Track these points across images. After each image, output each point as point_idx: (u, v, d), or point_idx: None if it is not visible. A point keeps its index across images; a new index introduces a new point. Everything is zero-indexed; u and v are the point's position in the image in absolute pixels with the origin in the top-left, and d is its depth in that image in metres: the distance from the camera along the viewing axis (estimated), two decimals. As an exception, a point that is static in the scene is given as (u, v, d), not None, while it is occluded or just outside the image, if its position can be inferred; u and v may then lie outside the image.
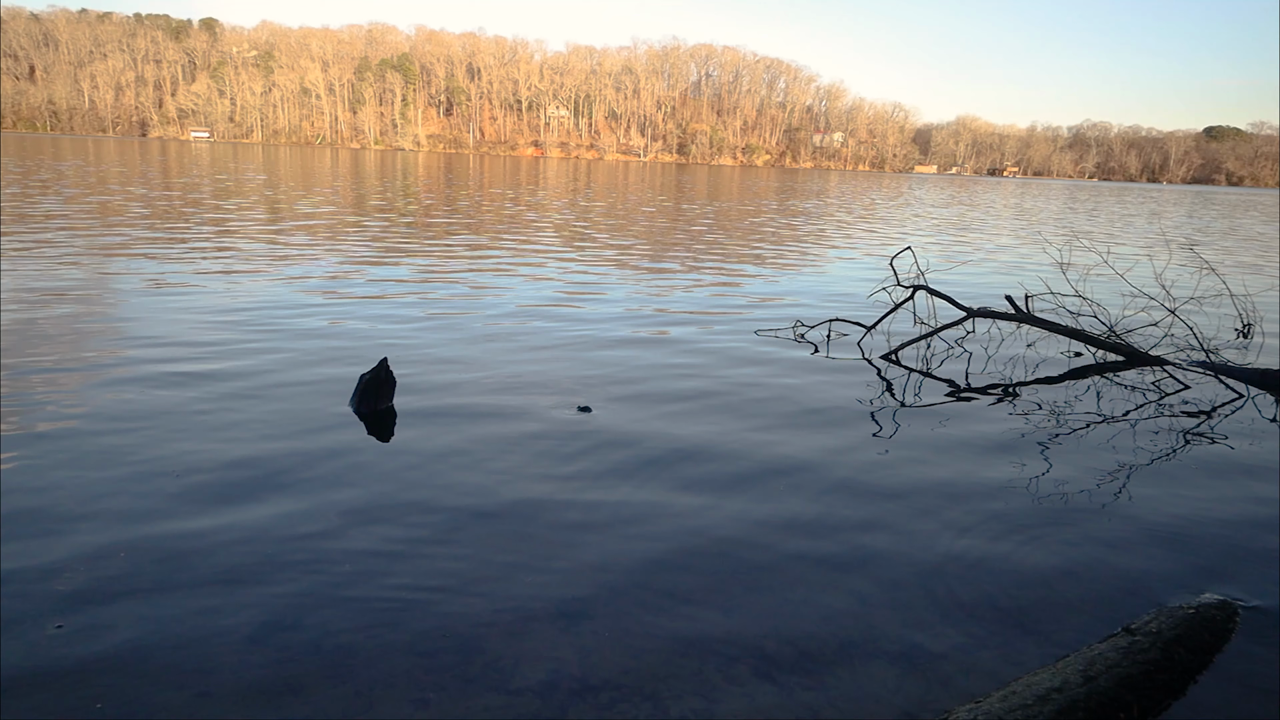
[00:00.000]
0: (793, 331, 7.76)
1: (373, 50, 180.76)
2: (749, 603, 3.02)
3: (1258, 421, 5.55)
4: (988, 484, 4.25)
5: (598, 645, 2.72)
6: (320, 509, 3.61)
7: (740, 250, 15.02)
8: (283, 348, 6.29)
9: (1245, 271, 14.85)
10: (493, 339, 6.92)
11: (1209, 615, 2.88)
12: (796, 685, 2.58)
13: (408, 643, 2.70)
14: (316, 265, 10.58)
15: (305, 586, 2.99)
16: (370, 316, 7.59)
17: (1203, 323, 8.15)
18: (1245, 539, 3.75)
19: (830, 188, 56.84)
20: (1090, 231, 24.34)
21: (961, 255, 15.86)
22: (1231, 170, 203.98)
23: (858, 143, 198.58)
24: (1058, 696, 2.27)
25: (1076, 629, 2.94)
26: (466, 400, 5.22)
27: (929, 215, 29.55)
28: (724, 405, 5.40)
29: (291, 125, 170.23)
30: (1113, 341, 7.07)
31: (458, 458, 4.27)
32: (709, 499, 3.92)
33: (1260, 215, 42.32)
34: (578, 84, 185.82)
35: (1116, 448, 4.91)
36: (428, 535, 3.42)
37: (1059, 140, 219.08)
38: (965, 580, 3.26)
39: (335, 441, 4.40)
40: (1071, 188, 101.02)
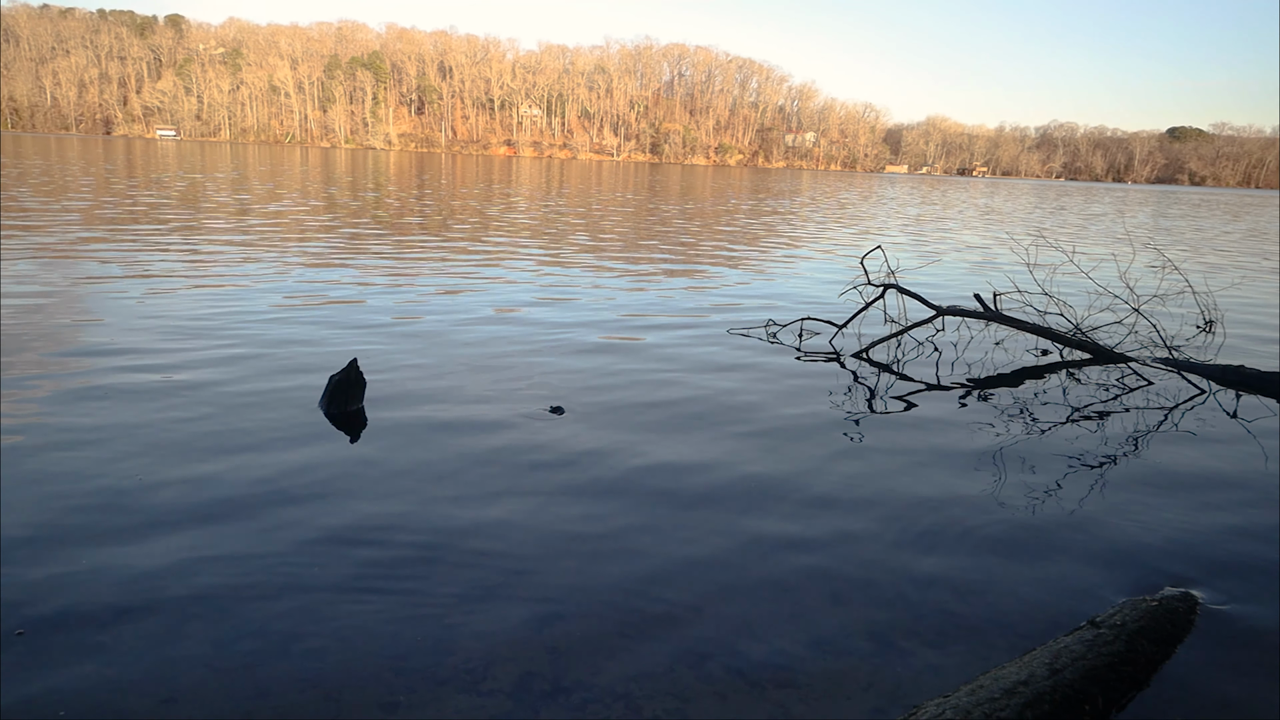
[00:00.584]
0: (765, 331, 7.80)
1: (343, 48, 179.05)
2: (721, 602, 3.03)
3: (1219, 417, 5.66)
4: (956, 481, 4.30)
5: (570, 646, 2.72)
6: (286, 512, 3.56)
7: (713, 250, 15.06)
8: (250, 350, 6.21)
9: (1207, 270, 15.14)
10: (464, 340, 6.89)
11: (1171, 607, 2.94)
12: (768, 683, 2.59)
13: (378, 646, 2.68)
14: (285, 267, 10.46)
15: (272, 591, 2.95)
16: (341, 318, 7.52)
17: (1166, 320, 8.30)
18: (1206, 532, 3.82)
19: (802, 187, 57.17)
20: (1057, 231, 24.69)
21: (931, 254, 16.02)
22: (1194, 170, 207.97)
23: (829, 143, 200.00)
24: (1024, 689, 2.30)
25: (1044, 622, 2.98)
26: (437, 402, 5.18)
27: (900, 215, 29.82)
28: (696, 405, 5.41)
29: (260, 124, 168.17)
30: (1079, 339, 7.18)
31: (427, 459, 4.24)
32: (681, 500, 3.92)
33: (1223, 214, 43.16)
34: (550, 83, 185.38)
35: (1083, 444, 4.98)
36: (397, 538, 3.39)
37: (1027, 140, 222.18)
38: (935, 576, 3.29)
39: (303, 443, 4.35)
40: (1039, 187, 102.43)
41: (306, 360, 5.97)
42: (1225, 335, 8.33)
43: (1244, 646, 2.89)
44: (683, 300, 9.40)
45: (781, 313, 8.65)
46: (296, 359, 6.00)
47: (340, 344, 6.49)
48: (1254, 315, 10.11)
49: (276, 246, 12.23)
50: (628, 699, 2.49)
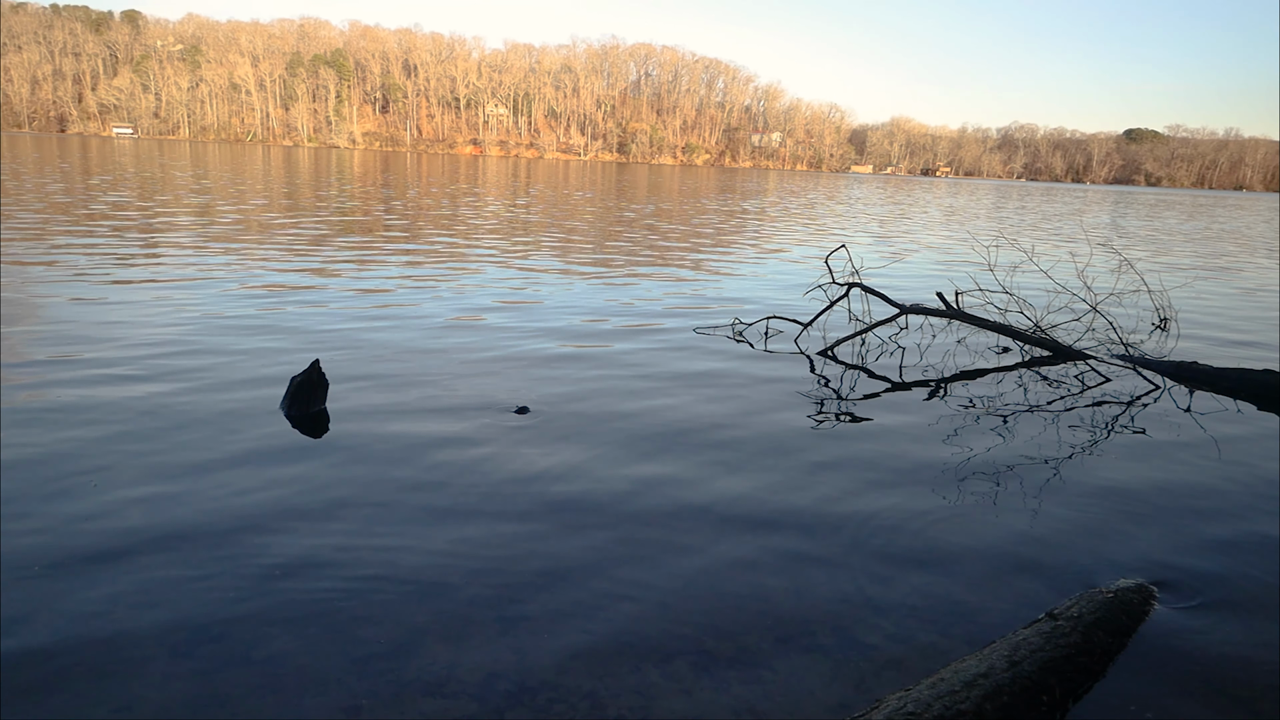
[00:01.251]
0: (731, 329, 7.83)
1: (305, 45, 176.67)
2: (687, 600, 3.04)
3: (1173, 412, 5.79)
4: (919, 477, 4.35)
5: (535, 646, 2.71)
6: (246, 514, 3.51)
7: (680, 249, 15.10)
8: (212, 351, 6.11)
9: (1162, 268, 15.48)
10: (430, 341, 6.83)
11: (1126, 598, 3.00)
12: (734, 680, 2.60)
13: (340, 648, 2.65)
14: (247, 267, 10.30)
15: (231, 595, 2.91)
16: (304, 319, 7.42)
17: (1123, 318, 8.47)
18: (1160, 524, 3.91)
19: (769, 187, 57.51)
20: (1018, 230, 25.08)
21: (895, 254, 16.20)
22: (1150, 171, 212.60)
23: (795, 143, 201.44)
24: (984, 681, 2.33)
25: (1004, 615, 3.03)
26: (401, 402, 5.14)
27: (865, 214, 30.11)
28: (662, 404, 5.42)
29: (220, 121, 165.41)
30: (1038, 336, 7.30)
31: (391, 460, 4.20)
32: (643, 499, 3.92)
33: (1178, 214, 44.14)
34: (516, 82, 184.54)
35: (1042, 439, 5.07)
36: (360, 540, 3.35)
37: (989, 141, 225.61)
38: (897, 571, 3.33)
39: (264, 445, 4.29)
40: (1001, 188, 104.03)
41: (267, 362, 5.89)
42: (1179, 333, 8.52)
43: (1196, 635, 2.95)
44: (650, 299, 9.41)
45: (748, 312, 8.70)
46: (257, 361, 5.91)
47: (303, 345, 6.40)
48: (1206, 313, 10.35)
49: (237, 247, 12.04)
50: (593, 698, 2.48)
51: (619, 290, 9.97)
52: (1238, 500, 4.24)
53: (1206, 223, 36.13)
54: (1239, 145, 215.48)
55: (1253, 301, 11.77)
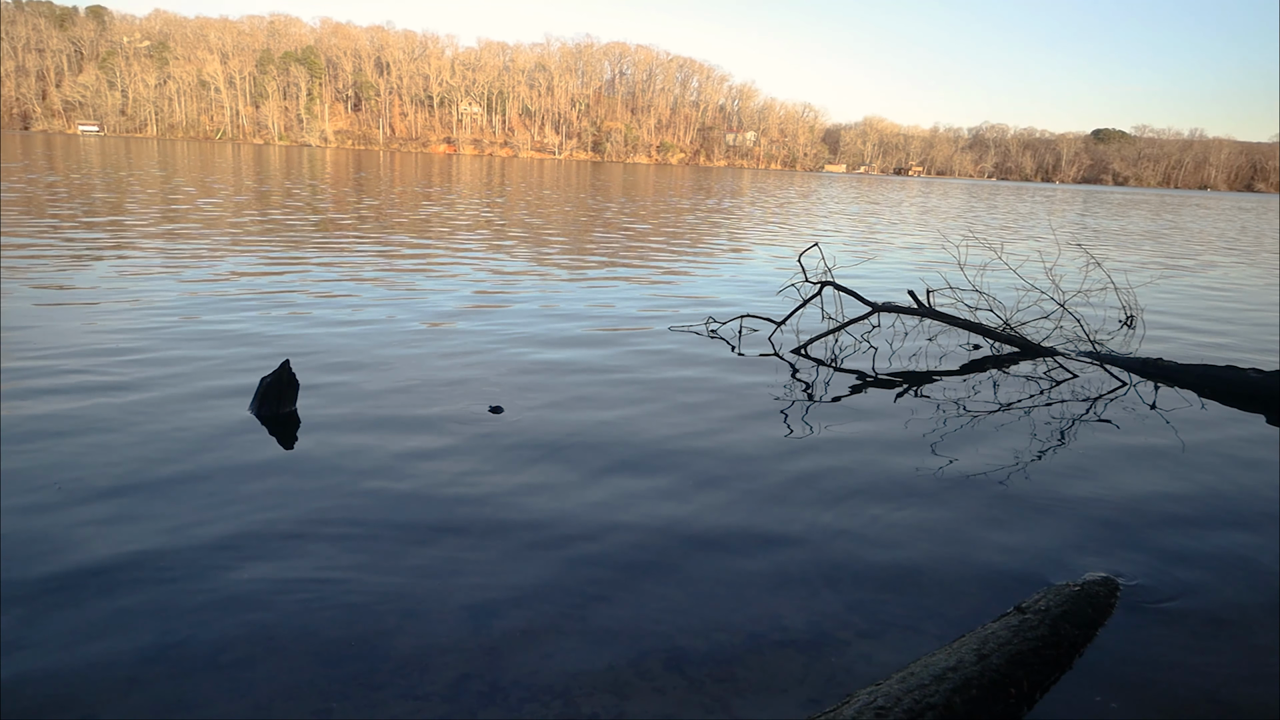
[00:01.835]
0: (705, 328, 7.85)
1: (275, 42, 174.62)
2: (659, 599, 3.04)
3: (1139, 408, 5.88)
4: (891, 473, 4.39)
5: (508, 646, 2.70)
6: (214, 516, 3.47)
7: (654, 248, 15.11)
8: (181, 352, 6.02)
9: (1129, 267, 15.72)
10: (402, 341, 6.79)
11: (1093, 591, 3.04)
12: (706, 678, 2.61)
13: (310, 651, 2.62)
14: (217, 268, 10.18)
15: (199, 599, 2.87)
16: (275, 320, 7.34)
17: (1090, 315, 8.59)
18: (1127, 518, 3.97)
19: (744, 186, 57.71)
20: (989, 229, 25.36)
21: (868, 252, 16.32)
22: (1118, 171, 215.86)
23: (770, 142, 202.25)
24: (953, 675, 2.36)
25: (973, 609, 3.06)
26: (373, 403, 5.10)
27: (839, 213, 30.30)
28: (635, 402, 5.42)
29: (189, 119, 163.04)
30: (1008, 334, 7.39)
31: (362, 461, 4.17)
32: (618, 497, 3.92)
33: (1144, 213, 44.84)
34: (490, 80, 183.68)
35: (1012, 435, 5.13)
36: (330, 542, 3.32)
37: (960, 141, 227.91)
38: (869, 567, 3.36)
39: (233, 446, 4.24)
40: (972, 187, 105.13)
41: (237, 364, 5.82)
42: (1145, 330, 8.66)
43: (1161, 627, 3.01)
44: (624, 299, 9.41)
45: (722, 310, 8.72)
46: (227, 363, 5.84)
47: (274, 346, 6.33)
48: (1172, 311, 10.53)
49: (205, 249, 11.88)
50: (566, 697, 2.48)
51: (593, 290, 9.96)
52: (1201, 494, 4.32)
53: (1172, 220, 36.74)
54: (1203, 145, 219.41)
55: (1216, 299, 11.99)
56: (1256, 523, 3.99)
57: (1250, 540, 3.79)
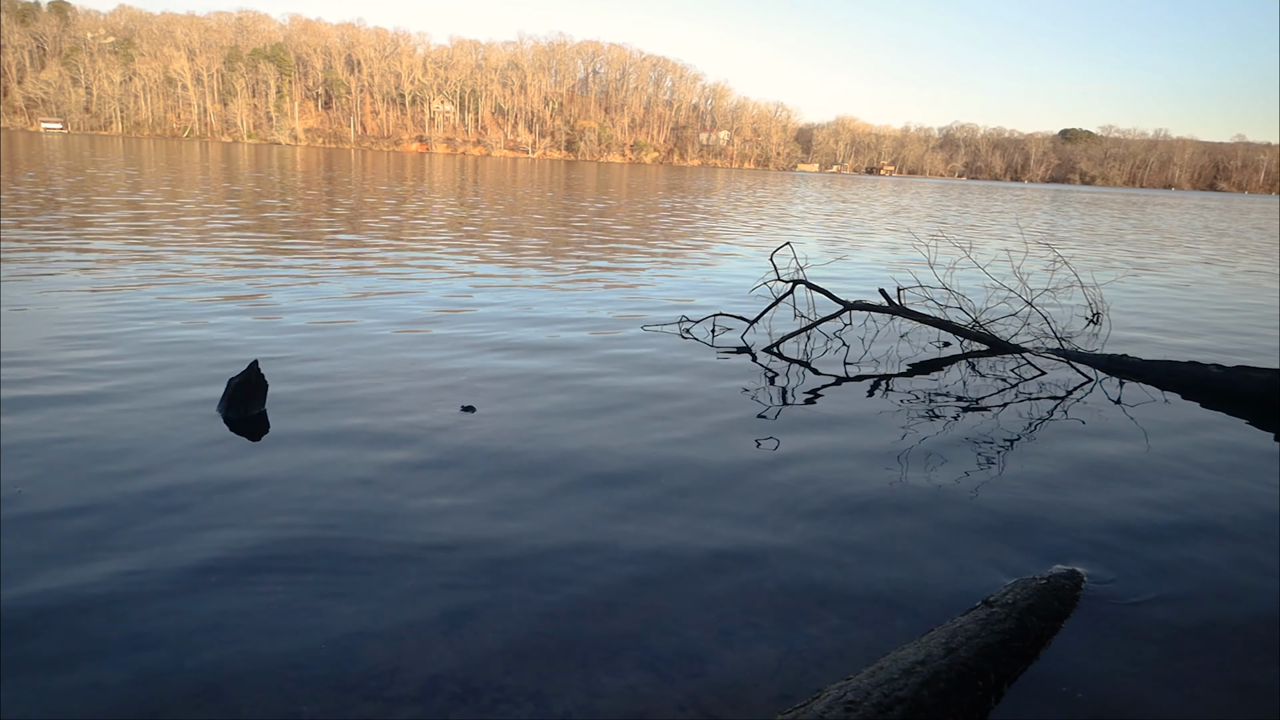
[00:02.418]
0: (678, 327, 7.87)
1: (243, 39, 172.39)
2: (631, 597, 3.04)
3: (1105, 404, 5.98)
4: (862, 471, 4.43)
5: (480, 646, 2.69)
6: (180, 517, 3.42)
7: (628, 247, 15.11)
8: (148, 354, 5.94)
9: (1095, 265, 15.96)
10: (373, 342, 6.73)
11: (1059, 584, 3.09)
12: (679, 675, 2.62)
13: (279, 654, 2.60)
14: (184, 269, 10.04)
15: (166, 603, 2.83)
16: (245, 322, 7.26)
17: (1057, 313, 8.71)
18: (1093, 512, 4.03)
19: (717, 185, 57.86)
20: (961, 228, 25.63)
21: (839, 251, 16.43)
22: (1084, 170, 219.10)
23: (743, 141, 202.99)
24: (922, 669, 2.38)
25: (943, 604, 3.10)
26: (344, 404, 5.06)
27: (812, 212, 30.47)
28: (608, 400, 5.42)
29: (156, 117, 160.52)
30: (977, 331, 7.48)
31: (332, 462, 4.13)
32: (590, 496, 3.92)
33: (1111, 212, 45.54)
34: (463, 79, 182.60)
35: (981, 431, 5.20)
36: (300, 543, 3.29)
37: (931, 141, 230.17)
38: (839, 562, 3.38)
39: (200, 447, 4.19)
40: (943, 186, 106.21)
41: (205, 365, 5.74)
42: (1111, 327, 8.80)
43: (1125, 619, 3.06)
44: (597, 298, 9.40)
45: (695, 309, 8.74)
46: (196, 365, 5.77)
47: (242, 348, 6.26)
48: (1136, 308, 10.72)
49: (172, 250, 11.72)
50: (538, 698, 2.48)
51: (566, 289, 9.95)
52: (1165, 488, 4.40)
53: (1137, 219, 37.35)
54: (1168, 145, 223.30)
55: (1180, 296, 12.21)
56: (1217, 516, 4.07)
57: (1211, 533, 3.87)
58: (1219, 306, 11.37)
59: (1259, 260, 19.53)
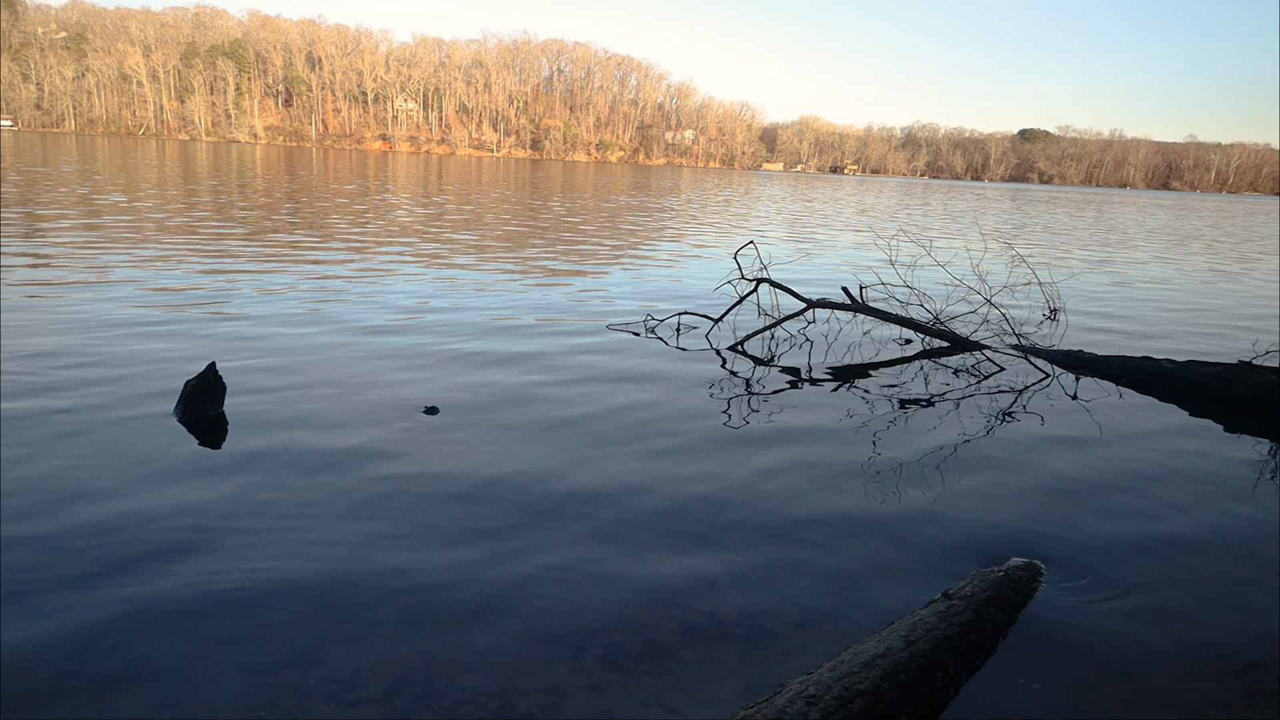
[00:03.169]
0: (643, 325, 7.87)
1: (201, 35, 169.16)
2: (595, 597, 3.04)
3: (1062, 398, 6.09)
4: (825, 466, 4.46)
5: (441, 648, 2.67)
6: (135, 521, 3.36)
7: (594, 246, 15.09)
8: (105, 358, 5.81)
9: (1052, 262, 16.25)
10: (335, 343, 6.65)
11: (1016, 576, 3.14)
12: (643, 673, 2.62)
13: (238, 658, 2.56)
14: (140, 270, 9.84)
15: (121, 607, 2.78)
16: (203, 323, 7.13)
17: (1015, 310, 8.86)
18: (1050, 504, 4.11)
19: (682, 185, 57.98)
20: (924, 227, 25.94)
21: (802, 249, 16.56)
22: (1043, 169, 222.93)
23: (708, 140, 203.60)
24: (882, 662, 2.41)
25: (904, 597, 3.14)
26: (304, 406, 4.99)
27: (777, 211, 30.66)
28: (573, 400, 5.41)
29: (110, 114, 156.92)
30: (938, 329, 7.58)
31: (291, 465, 4.07)
32: (552, 495, 3.91)
33: (1069, 210, 46.39)
34: (426, 76, 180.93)
35: (941, 427, 5.27)
36: (256, 548, 3.24)
37: (893, 140, 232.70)
38: (801, 558, 3.41)
39: (155, 450, 4.11)
40: (905, 185, 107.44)
41: (163, 369, 5.63)
42: (1067, 323, 8.97)
43: (1081, 610, 3.12)
44: (563, 296, 9.38)
45: (659, 307, 8.76)
46: (153, 368, 5.65)
47: (200, 351, 6.15)
48: (1093, 304, 10.94)
49: (128, 249, 11.48)
50: (501, 698, 2.46)
51: (531, 287, 9.91)
52: (1120, 480, 4.49)
53: (1094, 218, 38.08)
54: (1123, 145, 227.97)
55: (1134, 293, 12.48)
56: (1171, 507, 4.17)
57: (1165, 523, 3.96)
58: (1172, 302, 11.64)
59: (1211, 258, 20.02)
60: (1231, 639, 2.98)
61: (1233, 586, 3.38)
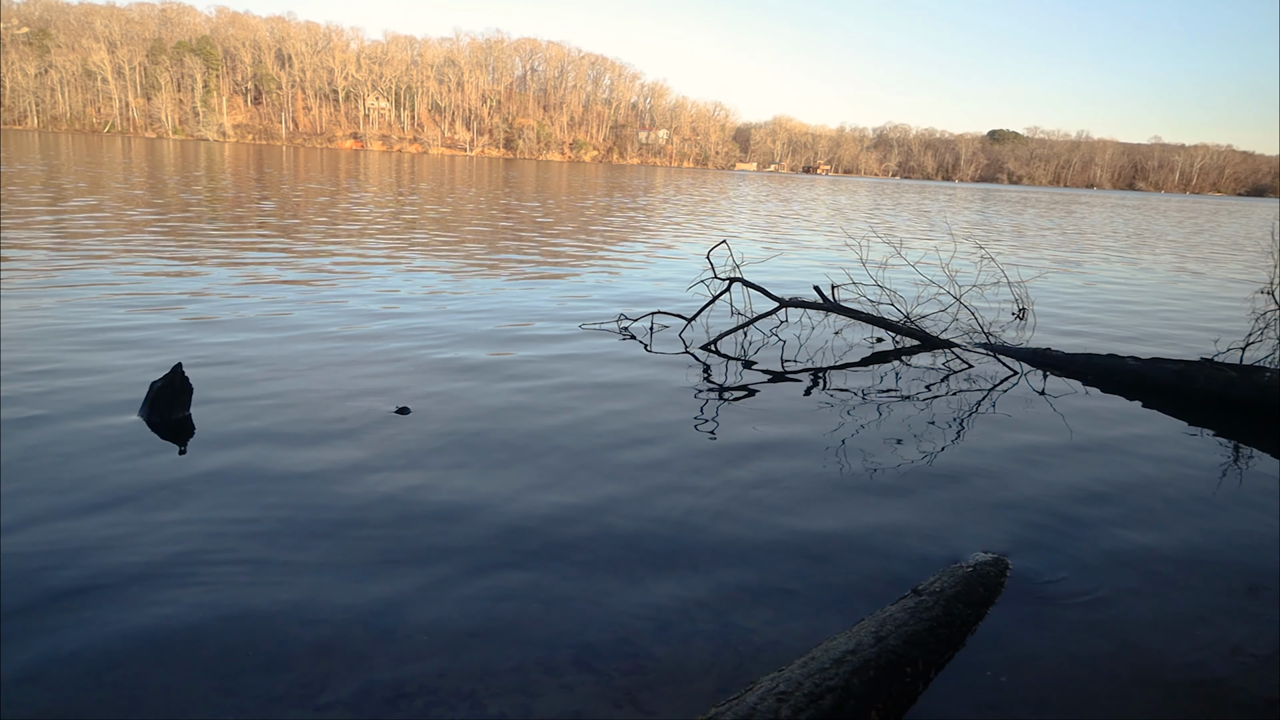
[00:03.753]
0: (617, 325, 7.87)
1: (167, 32, 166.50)
2: (567, 593, 3.04)
3: (1030, 396, 6.17)
4: (797, 465, 4.49)
5: (412, 649, 2.66)
6: (99, 525, 3.30)
7: (568, 246, 15.06)
8: (70, 361, 5.70)
9: (1021, 261, 16.46)
10: (305, 344, 6.59)
11: (984, 571, 3.18)
12: (615, 672, 2.62)
13: (205, 665, 2.52)
14: (106, 270, 9.67)
15: (83, 614, 2.73)
16: (170, 325, 7.03)
17: (984, 309, 8.95)
18: (1018, 499, 4.16)
19: (656, 184, 58.01)
20: (898, 227, 26.16)
21: (775, 249, 16.63)
22: (1012, 170, 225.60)
23: (682, 140, 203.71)
24: (852, 658, 2.43)
25: (875, 593, 3.16)
26: (272, 409, 4.93)
27: (752, 211, 30.77)
28: (545, 400, 5.40)
29: (74, 111, 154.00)
30: (909, 327, 7.65)
31: (257, 468, 4.03)
32: (526, 493, 3.90)
33: (1037, 210, 46.98)
34: (398, 75, 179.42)
35: (912, 424, 5.32)
36: (223, 551, 3.20)
37: (865, 140, 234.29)
38: (775, 555, 3.43)
39: (120, 453, 4.04)
40: (877, 185, 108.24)
41: (130, 369, 5.55)
42: (1036, 322, 9.08)
43: (1048, 604, 3.17)
44: (536, 296, 9.35)
45: (633, 307, 8.76)
46: (119, 368, 5.56)
47: (168, 351, 6.06)
48: (1060, 303, 11.10)
49: (94, 248, 11.28)
50: (473, 699, 2.45)
51: (504, 288, 9.87)
52: (1087, 476, 4.56)
53: (1061, 218, 38.61)
54: (1090, 146, 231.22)
55: (1101, 291, 12.68)
56: (1137, 501, 4.24)
57: (1131, 518, 4.02)
58: (1137, 301, 11.84)
59: (1177, 258, 20.38)
60: (1193, 632, 3.03)
61: (1193, 580, 3.44)
